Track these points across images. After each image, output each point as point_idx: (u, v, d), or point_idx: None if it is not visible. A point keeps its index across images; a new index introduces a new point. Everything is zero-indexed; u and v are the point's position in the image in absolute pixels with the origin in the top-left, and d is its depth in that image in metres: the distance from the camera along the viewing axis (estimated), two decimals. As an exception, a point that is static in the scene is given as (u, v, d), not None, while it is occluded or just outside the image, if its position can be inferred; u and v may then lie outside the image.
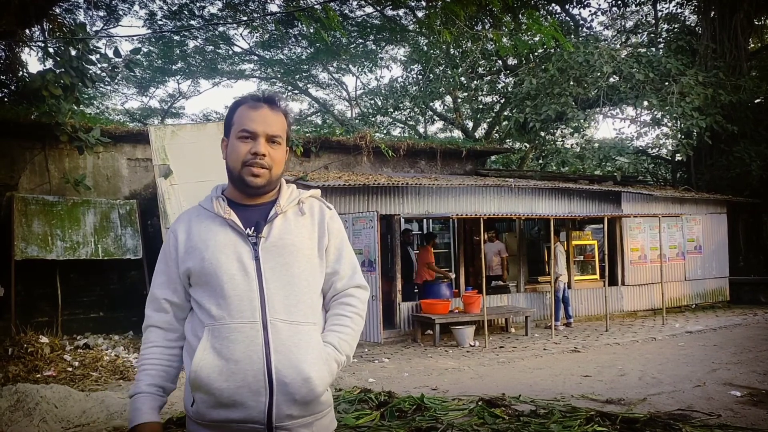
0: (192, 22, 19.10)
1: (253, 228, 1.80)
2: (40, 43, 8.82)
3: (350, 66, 23.19)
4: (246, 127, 1.80)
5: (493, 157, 20.34)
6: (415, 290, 10.80)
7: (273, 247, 1.78)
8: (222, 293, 1.73)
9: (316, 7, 7.12)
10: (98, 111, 21.32)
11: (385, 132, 22.89)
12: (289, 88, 24.69)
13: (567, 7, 19.13)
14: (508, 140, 20.85)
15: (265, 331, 1.70)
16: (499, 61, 19.10)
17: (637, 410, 5.31)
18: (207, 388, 1.67)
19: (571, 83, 14.64)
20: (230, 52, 22.18)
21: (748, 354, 8.12)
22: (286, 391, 1.67)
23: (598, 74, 14.30)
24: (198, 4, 18.72)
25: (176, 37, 20.05)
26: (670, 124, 15.52)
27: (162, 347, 1.83)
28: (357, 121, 21.79)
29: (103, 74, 8.47)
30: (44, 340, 8.06)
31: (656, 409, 5.33)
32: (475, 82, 19.28)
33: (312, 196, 1.94)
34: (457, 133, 23.63)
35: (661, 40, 17.96)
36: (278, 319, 1.72)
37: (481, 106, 22.01)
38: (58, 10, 11.17)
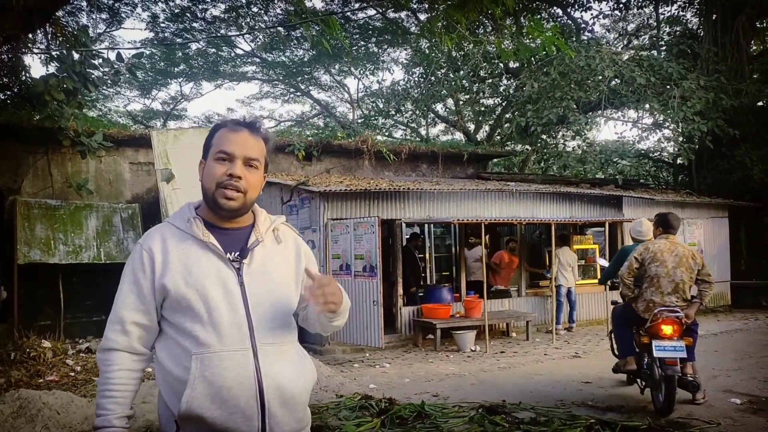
0: (194, 24, 19.14)
1: (236, 253, 1.80)
2: (43, 48, 8.85)
3: (352, 68, 23.22)
4: (224, 148, 1.79)
5: (494, 160, 20.35)
6: (420, 294, 10.81)
7: (256, 273, 1.80)
8: (210, 320, 1.72)
9: (319, 18, 7.15)
10: (100, 113, 21.36)
11: (386, 134, 22.91)
12: (291, 90, 24.73)
13: (569, 10, 19.15)
14: (509, 143, 20.87)
15: (255, 357, 1.73)
16: (501, 64, 19.11)
17: (637, 418, 5.32)
18: (200, 418, 1.68)
19: (573, 87, 14.64)
20: (232, 54, 22.23)
21: (748, 360, 8.12)
22: (276, 413, 1.72)
23: (600, 78, 14.29)
24: (200, 7, 18.76)
25: (178, 39, 20.08)
26: (671, 128, 15.50)
27: (129, 370, 1.80)
28: (359, 123, 21.82)
29: (106, 78, 8.50)
30: (47, 344, 8.08)
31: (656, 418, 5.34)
32: (477, 84, 19.27)
33: (283, 223, 1.97)
34: (458, 136, 23.64)
35: (662, 43, 17.97)
36: (266, 343, 1.76)
37: (482, 109, 22.01)
38: (60, 14, 11.19)
